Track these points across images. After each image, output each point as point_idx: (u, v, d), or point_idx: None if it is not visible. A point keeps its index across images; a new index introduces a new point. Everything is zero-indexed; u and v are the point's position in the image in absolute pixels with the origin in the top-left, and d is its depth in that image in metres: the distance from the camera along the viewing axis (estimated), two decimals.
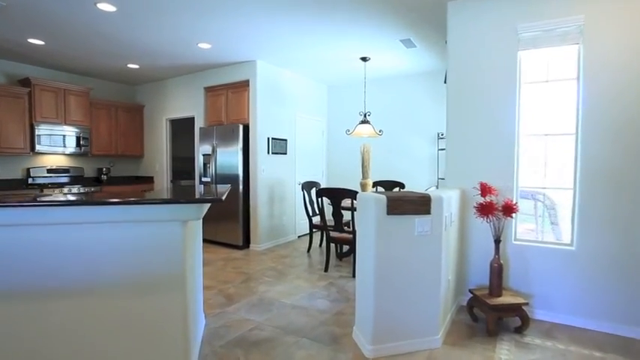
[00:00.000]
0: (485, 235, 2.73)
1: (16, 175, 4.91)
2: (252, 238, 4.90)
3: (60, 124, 5.03)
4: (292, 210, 5.54)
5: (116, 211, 1.75)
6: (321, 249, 4.97)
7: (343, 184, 6.18)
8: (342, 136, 6.17)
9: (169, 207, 1.77)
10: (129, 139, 5.98)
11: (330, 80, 5.92)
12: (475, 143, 2.84)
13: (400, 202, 2.16)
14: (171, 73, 5.42)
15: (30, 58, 4.63)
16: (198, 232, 2.53)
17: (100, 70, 5.24)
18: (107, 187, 5.43)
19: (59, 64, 4.93)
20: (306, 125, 5.82)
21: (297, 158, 5.58)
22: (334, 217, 3.82)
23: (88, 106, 5.34)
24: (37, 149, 4.78)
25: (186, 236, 1.89)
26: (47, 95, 4.88)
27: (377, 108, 5.63)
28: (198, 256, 2.49)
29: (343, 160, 6.22)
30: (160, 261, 1.84)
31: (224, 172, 4.95)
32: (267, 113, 4.94)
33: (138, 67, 5.04)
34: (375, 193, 2.31)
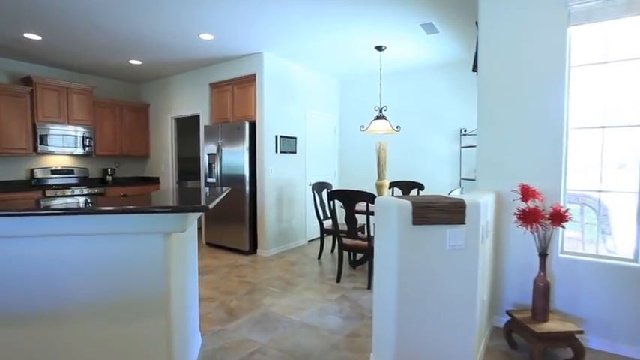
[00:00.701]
0: (526, 246, 2.33)
1: (20, 177, 4.75)
2: (259, 242, 4.59)
3: (63, 124, 4.84)
4: (302, 213, 5.20)
5: (82, 223, 1.45)
6: (332, 255, 4.61)
7: (357, 186, 5.81)
8: (356, 133, 5.79)
9: (145, 217, 1.46)
10: (134, 138, 5.77)
11: (343, 74, 5.55)
12: (513, 138, 2.43)
13: (429, 210, 1.78)
14: (175, 69, 5.17)
15: (29, 55, 4.45)
16: (192, 241, 2.21)
17: (102, 67, 5.03)
18: (112, 189, 5.22)
19: (60, 61, 4.73)
20: (317, 122, 5.48)
21: (307, 157, 5.24)
22: (347, 222, 3.47)
23: (91, 105, 5.14)
24: (39, 149, 4.61)
25: (172, 250, 1.57)
26: (49, 94, 4.70)
27: (393, 103, 5.23)
28: (192, 269, 2.18)
29: (357, 159, 5.85)
30: (139, 280, 1.53)
31: (229, 172, 4.65)
32: (275, 109, 4.62)
33: (140, 63, 4.80)
34: (396, 197, 1.95)
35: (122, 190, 5.33)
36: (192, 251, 2.18)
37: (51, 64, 4.89)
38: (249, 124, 4.52)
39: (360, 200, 3.32)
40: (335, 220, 3.62)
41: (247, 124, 4.48)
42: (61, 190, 4.64)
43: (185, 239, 1.93)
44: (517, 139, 2.42)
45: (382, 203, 1.91)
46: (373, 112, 5.37)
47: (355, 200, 3.34)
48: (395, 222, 1.79)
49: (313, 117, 5.37)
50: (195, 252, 2.29)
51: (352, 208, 3.39)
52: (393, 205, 1.81)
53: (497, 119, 2.51)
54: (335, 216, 3.63)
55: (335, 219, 3.62)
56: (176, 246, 1.67)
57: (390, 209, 1.83)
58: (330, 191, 3.50)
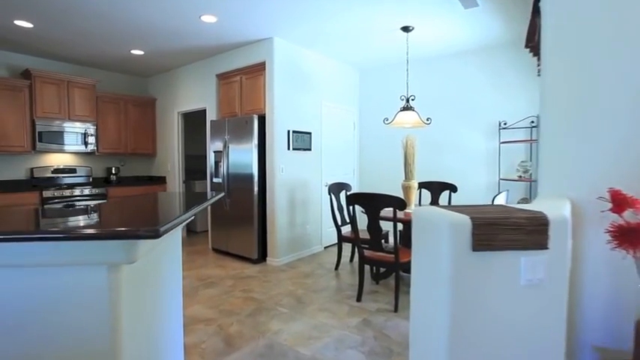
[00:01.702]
0: (619, 274, 1.71)
1: (19, 176, 4.47)
2: (269, 250, 4.11)
3: (64, 120, 4.52)
4: (318, 216, 4.68)
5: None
6: (352, 265, 4.08)
7: (379, 187, 5.23)
8: (378, 128, 5.22)
9: (73, 245, 0.98)
10: (140, 135, 5.42)
11: (363, 62, 4.98)
12: (597, 129, 1.82)
13: (496, 229, 1.22)
14: (181, 60, 4.76)
15: (24, 45, 4.14)
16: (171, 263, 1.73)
17: (104, 59, 4.69)
18: (115, 189, 4.88)
19: (59, 53, 4.41)
20: (334, 116, 4.94)
21: (323, 155, 4.72)
22: (370, 230, 2.92)
23: (94, 100, 4.81)
24: (38, 147, 4.31)
25: (123, 286, 1.09)
26: (49, 88, 4.39)
27: (421, 94, 4.62)
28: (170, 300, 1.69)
29: (379, 157, 5.27)
30: (72, 330, 1.05)
31: (237, 171, 4.19)
32: (287, 101, 4.12)
33: (142, 53, 4.41)
34: (442, 208, 1.39)
35: (126, 190, 4.98)
36: (171, 276, 1.70)
37: (51, 57, 4.58)
38: (259, 117, 4.04)
39: (386, 206, 2.77)
40: (355, 227, 3.08)
41: (256, 117, 4.00)
42: (59, 190, 4.32)
43: (154, 265, 1.44)
44: (604, 129, 1.80)
45: (425, 217, 1.36)
46: (398, 104, 4.78)
47: (380, 206, 2.80)
48: (446, 245, 1.24)
49: (330, 110, 4.83)
50: (177, 275, 1.81)
51: (376, 215, 2.85)
52: (442, 221, 1.26)
53: (573, 104, 1.89)
54: (355, 222, 3.09)
55: (355, 226, 3.09)
56: (135, 278, 1.19)
57: (437, 227, 1.28)
58: (349, 194, 2.97)
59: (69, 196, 4.38)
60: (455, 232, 1.22)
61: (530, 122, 4.16)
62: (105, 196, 4.71)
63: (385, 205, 2.77)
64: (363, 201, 2.86)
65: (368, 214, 2.87)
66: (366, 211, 2.88)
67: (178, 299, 1.82)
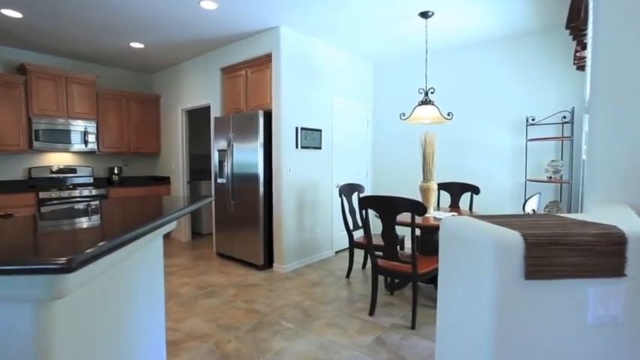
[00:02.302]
0: None
1: (17, 176, 4.34)
2: (275, 256, 3.84)
3: (62, 118, 4.36)
4: (328, 219, 4.39)
5: None
6: (364, 272, 3.77)
7: (394, 188, 4.91)
8: (393, 125, 4.90)
9: None
10: (143, 134, 5.24)
11: (377, 54, 4.66)
12: None
13: (554, 250, 0.91)
14: (183, 54, 4.54)
15: (17, 38, 3.97)
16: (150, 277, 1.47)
17: (103, 53, 4.51)
18: (117, 190, 4.71)
19: (54, 46, 4.25)
20: (346, 112, 4.64)
21: (334, 154, 4.42)
22: (384, 237, 2.61)
23: (94, 97, 4.65)
24: (35, 146, 4.15)
25: (58, 324, 0.82)
26: (46, 84, 4.23)
27: (439, 89, 4.28)
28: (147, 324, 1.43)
29: (394, 156, 4.94)
30: None
31: (241, 171, 3.94)
32: (295, 96, 3.84)
33: (142, 46, 4.20)
34: (483, 219, 1.08)
35: (128, 191, 4.81)
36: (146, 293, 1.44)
37: (48, 51, 4.42)
38: (265, 113, 3.78)
39: (403, 210, 2.45)
40: (368, 233, 2.77)
41: (261, 113, 3.74)
42: (58, 191, 4.16)
43: (116, 286, 1.18)
44: None
45: (459, 231, 1.06)
46: (415, 99, 4.45)
47: (396, 210, 2.48)
48: (490, 272, 0.93)
49: (341, 106, 4.53)
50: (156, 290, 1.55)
51: (392, 221, 2.54)
52: (483, 238, 0.95)
53: (636, 91, 1.54)
54: (368, 227, 2.79)
55: (368, 231, 2.78)
56: (81, 310, 0.92)
57: (477, 246, 0.97)
58: (362, 197, 2.66)
59: (67, 198, 4.22)
60: (502, 255, 0.91)
61: (562, 118, 3.77)
62: (106, 197, 4.54)
63: (402, 209, 2.45)
64: (378, 205, 2.56)
65: (383, 219, 2.57)
66: (381, 216, 2.57)
67: (158, 318, 1.56)
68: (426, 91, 3.45)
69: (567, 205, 3.83)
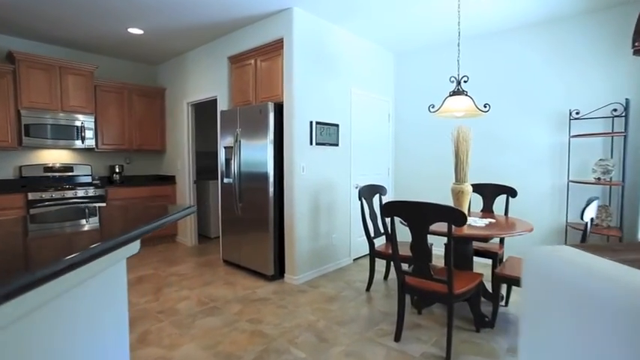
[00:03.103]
0: None
1: (6, 175, 4.03)
2: (287, 265, 3.44)
3: (55, 112, 4.04)
4: (345, 224, 3.97)
5: None
6: (386, 284, 3.34)
7: (418, 190, 4.46)
8: (418, 120, 4.45)
9: None
10: (147, 129, 4.91)
11: (400, 43, 4.20)
12: None
13: None
14: (188, 41, 4.17)
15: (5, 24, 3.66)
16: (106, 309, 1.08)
17: (100, 41, 4.17)
18: (117, 190, 4.38)
19: (46, 32, 3.92)
20: (366, 105, 4.20)
21: (352, 151, 4.00)
22: (414, 251, 2.18)
23: (91, 89, 4.32)
24: (24, 142, 3.83)
25: None
26: (37, 74, 3.91)
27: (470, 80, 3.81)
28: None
29: (419, 154, 4.48)
30: None
31: (250, 169, 3.55)
32: (309, 87, 3.43)
33: (142, 32, 3.85)
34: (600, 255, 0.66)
35: (129, 191, 4.48)
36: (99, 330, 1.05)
37: (41, 39, 4.10)
38: (275, 106, 3.38)
39: (438, 219, 2.01)
40: (394, 244, 2.34)
41: (272, 105, 3.34)
42: (49, 192, 3.84)
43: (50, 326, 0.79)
44: None
45: (560, 272, 0.62)
46: (442, 90, 4.01)
47: (430, 219, 2.05)
48: (622, 351, 0.49)
49: (360, 98, 4.10)
50: (118, 324, 1.16)
51: (423, 232, 2.10)
52: (608, 290, 0.51)
53: None
54: (394, 237, 2.35)
55: (394, 242, 2.34)
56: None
57: (596, 302, 0.52)
58: (387, 204, 2.23)
59: (60, 199, 3.90)
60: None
61: (612, 111, 3.28)
62: (104, 198, 4.22)
63: (437, 218, 2.02)
64: (407, 212, 2.12)
65: (412, 229, 2.13)
66: (410, 226, 2.14)
67: None
68: (458, 80, 2.99)
69: (618, 211, 3.33)
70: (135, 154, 5.08)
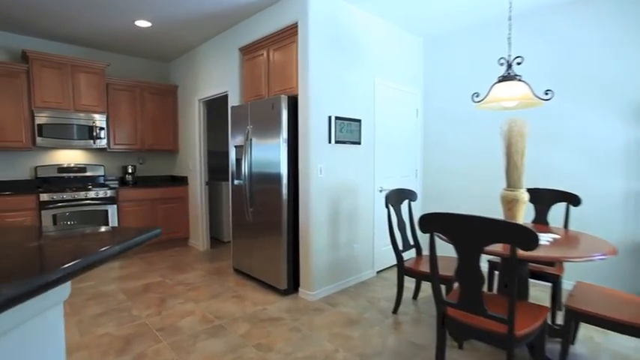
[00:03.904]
0: None
1: (23, 175, 3.94)
2: (302, 278, 3.05)
3: (67, 111, 3.88)
4: (368, 232, 3.53)
5: None
6: (416, 305, 2.87)
7: (451, 195, 3.93)
8: (451, 115, 3.92)
9: None
10: (159, 128, 4.69)
11: (430, 26, 3.70)
12: None
13: None
14: (199, 34, 3.88)
15: (18, 23, 3.51)
16: None
17: (109, 37, 3.97)
18: (129, 191, 4.18)
19: (55, 30, 3.76)
20: (391, 98, 3.73)
21: (376, 151, 3.55)
22: (461, 278, 1.70)
23: (103, 87, 4.13)
24: (38, 142, 3.70)
25: None
26: (49, 73, 3.76)
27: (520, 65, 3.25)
28: None
29: (453, 153, 3.95)
30: None
31: (261, 170, 3.19)
32: (327, 77, 3.01)
33: (150, 24, 3.59)
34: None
35: (141, 193, 4.26)
36: None
37: (52, 37, 3.97)
38: (289, 99, 2.99)
39: (498, 240, 1.53)
40: (433, 262, 1.87)
41: (285, 99, 2.96)
42: (60, 193, 3.67)
43: None
44: None
45: None
46: (483, 78, 3.50)
47: (486, 239, 1.57)
48: None
49: (386, 90, 3.64)
50: None
51: (475, 254, 1.62)
52: None
53: None
54: (434, 256, 1.88)
55: (434, 262, 1.87)
56: None
57: None
58: (426, 216, 1.76)
59: (71, 200, 3.73)
60: None
61: None
62: (114, 199, 4.01)
63: (498, 238, 1.53)
64: (455, 228, 1.65)
65: (461, 250, 1.66)
66: (458, 246, 1.67)
67: None
68: (509, 62, 2.47)
69: None
70: (148, 155, 4.88)
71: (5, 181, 3.80)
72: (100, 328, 2.42)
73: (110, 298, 2.98)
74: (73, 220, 3.75)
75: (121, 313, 2.66)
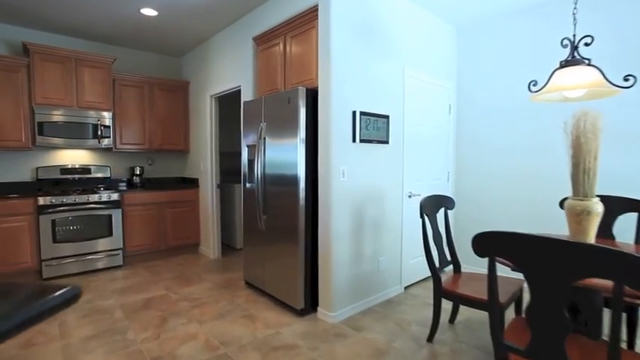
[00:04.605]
0: None
1: (24, 177, 3.72)
2: (321, 296, 2.68)
3: (69, 108, 3.64)
4: (396, 242, 3.12)
5: None
6: (454, 330, 2.45)
7: (491, 203, 3.46)
8: (490, 110, 3.48)
9: None
10: (169, 127, 4.42)
11: (466, 9, 3.26)
12: None
13: None
14: (208, 22, 3.58)
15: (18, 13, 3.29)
16: None
17: (115, 28, 3.71)
18: (135, 195, 3.91)
19: (57, 20, 3.53)
20: (422, 92, 3.32)
21: (405, 151, 3.14)
22: (535, 320, 1.28)
23: (109, 83, 3.88)
24: (38, 142, 3.47)
25: None
26: (52, 68, 3.53)
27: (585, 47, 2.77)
28: None
29: (491, 154, 3.50)
30: None
31: (275, 172, 2.84)
32: (351, 66, 2.63)
33: (156, 13, 3.31)
34: None
35: (148, 196, 3.99)
36: None
37: (54, 30, 3.75)
38: (308, 92, 2.63)
39: (597, 273, 1.11)
40: (493, 291, 1.45)
41: (303, 91, 2.60)
42: (59, 197, 3.43)
43: None
44: None
45: None
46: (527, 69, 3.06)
47: (578, 271, 1.14)
48: None
49: (416, 83, 3.23)
50: None
51: (560, 292, 1.20)
52: None
53: None
54: (494, 288, 1.47)
55: (493, 287, 1.46)
56: None
57: None
58: (486, 235, 1.35)
59: (71, 204, 3.48)
60: None
61: None
62: (119, 203, 3.75)
63: (598, 271, 1.11)
64: (530, 255, 1.24)
65: (537, 285, 1.24)
66: (532, 279, 1.25)
67: None
68: (574, 44, 2.03)
69: None
70: (157, 155, 4.62)
71: (3, 183, 3.59)
72: (87, 357, 2.10)
73: (106, 315, 2.68)
74: (74, 226, 3.50)
75: (115, 336, 2.35)
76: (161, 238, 4.10)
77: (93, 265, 3.64)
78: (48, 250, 3.40)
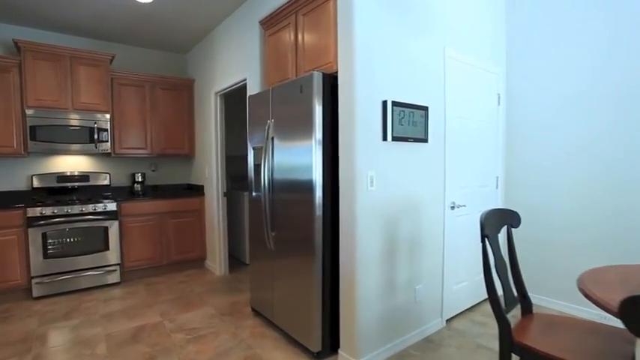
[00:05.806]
0: None
1: (19, 186, 3.42)
2: (343, 336, 2.11)
3: (64, 110, 3.30)
4: (436, 265, 2.51)
5: None
6: None
7: (555, 217, 2.76)
8: (554, 100, 2.80)
9: None
10: (172, 130, 4.02)
11: None
12: None
13: None
14: (208, 8, 3.13)
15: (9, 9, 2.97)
16: None
17: (110, 22, 3.35)
18: (133, 205, 3.51)
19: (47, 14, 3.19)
20: (465, 79, 2.70)
21: (447, 151, 2.53)
22: None
23: (107, 82, 3.52)
24: (30, 147, 3.14)
25: None
26: (44, 67, 3.21)
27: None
28: None
29: (553, 154, 2.81)
30: None
31: (285, 178, 2.31)
32: (379, 44, 2.07)
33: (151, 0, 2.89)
34: None
35: (147, 206, 3.58)
36: None
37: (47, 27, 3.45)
38: (325, 78, 2.09)
39: None
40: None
41: (318, 77, 2.06)
42: (50, 207, 3.06)
43: None
44: None
45: None
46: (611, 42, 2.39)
47: None
48: None
49: (459, 67, 2.62)
50: None
51: None
52: None
53: None
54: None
55: None
56: None
57: None
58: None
59: (63, 215, 3.12)
60: None
61: None
62: (116, 214, 3.35)
63: None
64: None
65: None
66: None
67: None
68: None
69: None
70: (161, 160, 4.23)
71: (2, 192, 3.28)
72: None
73: (87, 351, 2.24)
74: (67, 239, 3.12)
75: None
76: (163, 252, 3.67)
77: (87, 283, 3.26)
78: (38, 267, 3.04)
